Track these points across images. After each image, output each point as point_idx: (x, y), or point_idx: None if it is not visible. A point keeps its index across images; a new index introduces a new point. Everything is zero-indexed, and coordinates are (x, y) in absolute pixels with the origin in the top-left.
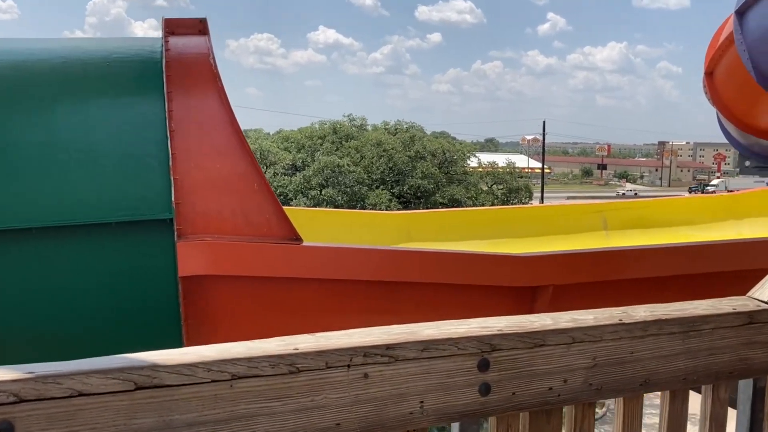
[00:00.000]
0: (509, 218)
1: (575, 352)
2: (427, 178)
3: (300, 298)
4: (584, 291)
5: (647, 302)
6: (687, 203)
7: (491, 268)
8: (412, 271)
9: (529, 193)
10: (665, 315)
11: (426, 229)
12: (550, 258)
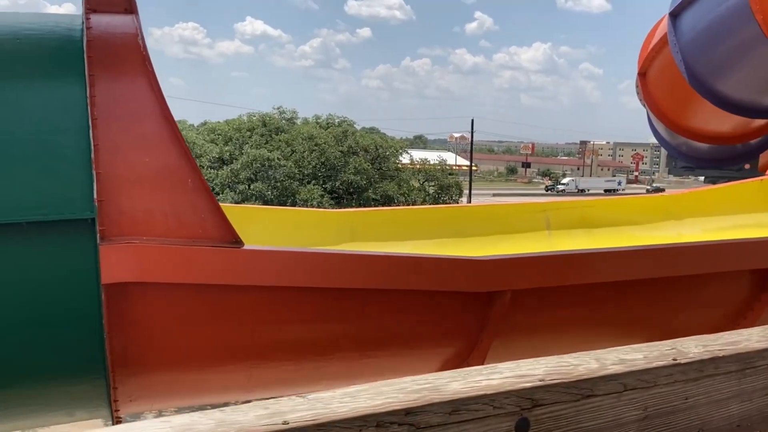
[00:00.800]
0: (454, 217)
1: (625, 402)
2: (360, 174)
3: (240, 308)
4: (543, 296)
5: (609, 307)
6: (629, 203)
7: (447, 272)
8: (362, 276)
9: (459, 190)
10: (720, 350)
11: (370, 228)
12: (509, 261)
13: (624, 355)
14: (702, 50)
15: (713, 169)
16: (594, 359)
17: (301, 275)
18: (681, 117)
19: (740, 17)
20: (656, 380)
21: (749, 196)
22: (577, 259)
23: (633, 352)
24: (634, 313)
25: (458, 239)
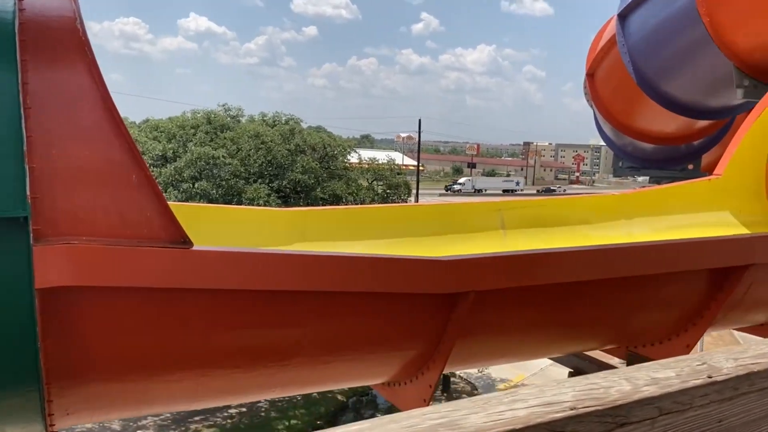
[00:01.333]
0: (407, 217)
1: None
2: (308, 173)
3: (189, 313)
4: (506, 296)
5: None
6: (580, 202)
7: (408, 273)
8: (320, 278)
9: (408, 189)
10: (753, 364)
11: (321, 227)
12: (473, 261)
13: (655, 373)
14: (650, 51)
15: (658, 170)
16: (624, 379)
17: (255, 277)
18: (628, 117)
19: (687, 19)
20: (692, 402)
21: (697, 196)
22: (540, 258)
23: (663, 369)
24: (594, 312)
25: (413, 239)
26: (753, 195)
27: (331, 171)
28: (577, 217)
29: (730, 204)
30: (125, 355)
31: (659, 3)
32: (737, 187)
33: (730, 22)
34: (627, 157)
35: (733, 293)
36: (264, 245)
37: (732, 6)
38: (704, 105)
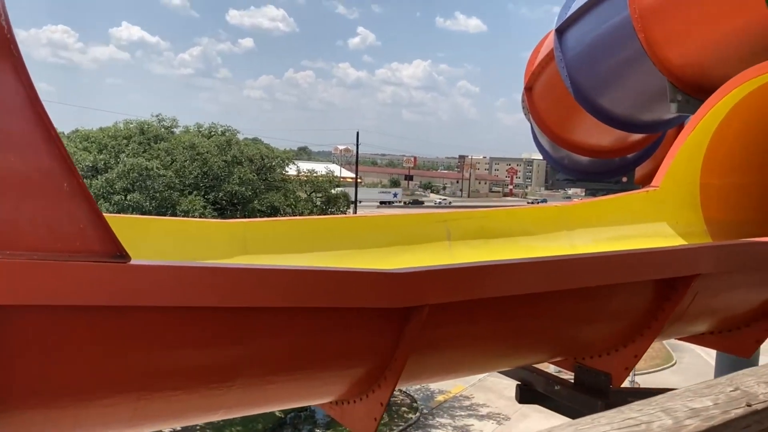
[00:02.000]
0: (352, 228)
1: None
2: (245, 185)
3: (126, 332)
4: (460, 310)
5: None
6: (523, 214)
7: (360, 287)
8: (266, 293)
9: (347, 201)
10: None
11: (264, 240)
12: (428, 274)
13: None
14: (587, 66)
15: (593, 182)
16: (662, 411)
17: (198, 293)
18: (565, 131)
19: (624, 35)
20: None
21: (636, 207)
22: (495, 270)
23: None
24: (544, 324)
25: (358, 251)
26: (689, 206)
27: (268, 183)
28: (521, 228)
29: (668, 215)
30: (54, 379)
31: (596, 19)
32: (674, 199)
33: (664, 38)
34: (563, 170)
35: (679, 303)
36: (204, 259)
37: (666, 23)
38: (638, 119)
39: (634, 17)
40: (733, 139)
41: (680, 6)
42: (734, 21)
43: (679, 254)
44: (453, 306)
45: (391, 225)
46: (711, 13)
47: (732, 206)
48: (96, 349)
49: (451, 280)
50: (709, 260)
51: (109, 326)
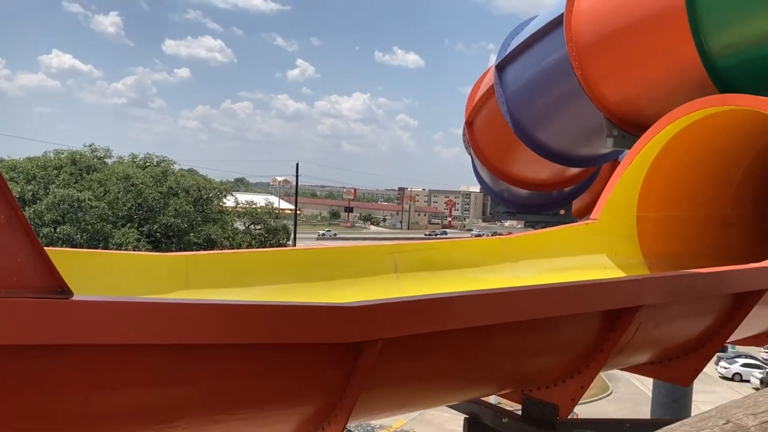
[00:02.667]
0: (298, 261)
1: None
2: (181, 216)
3: (66, 373)
4: (414, 344)
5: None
6: (469, 245)
7: (310, 321)
8: (214, 329)
9: (287, 233)
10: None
11: (207, 273)
12: (382, 307)
13: None
14: (526, 101)
15: (532, 214)
16: None
17: (142, 330)
18: (505, 164)
19: (561, 72)
20: None
21: (577, 239)
22: (449, 302)
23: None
24: (494, 357)
25: (304, 284)
26: (627, 238)
27: (205, 214)
28: (466, 260)
29: (607, 247)
30: None
31: (535, 56)
32: (612, 231)
33: (600, 75)
34: (503, 202)
35: (624, 334)
36: (144, 293)
37: (601, 61)
38: (576, 153)
39: (571, 55)
40: (667, 174)
41: (615, 45)
42: (665, 61)
43: (624, 285)
44: (406, 340)
45: (336, 257)
46: (644, 53)
47: (667, 238)
48: (35, 390)
49: (406, 313)
50: (652, 291)
51: (50, 366)
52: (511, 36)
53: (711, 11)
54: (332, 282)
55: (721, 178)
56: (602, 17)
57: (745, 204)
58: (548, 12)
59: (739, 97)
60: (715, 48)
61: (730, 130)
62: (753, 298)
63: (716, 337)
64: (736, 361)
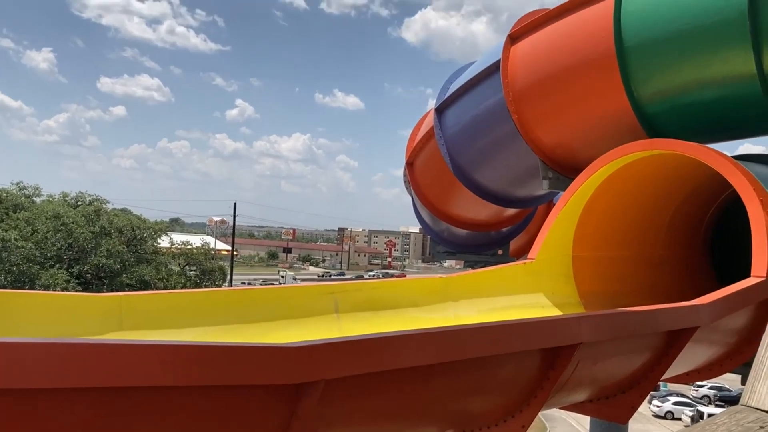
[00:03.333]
0: (237, 301)
1: None
2: (114, 257)
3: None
4: (355, 384)
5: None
6: (410, 285)
7: (249, 363)
8: (147, 371)
9: (223, 274)
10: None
11: (141, 314)
12: (324, 347)
13: None
14: (465, 143)
15: (471, 254)
16: None
17: (71, 373)
18: (444, 204)
19: (498, 116)
20: None
21: (515, 278)
22: (390, 342)
23: None
24: (434, 397)
25: (242, 325)
26: (563, 278)
27: (139, 255)
28: (408, 299)
29: (544, 286)
30: None
31: (473, 100)
32: (549, 271)
33: (536, 120)
34: (443, 242)
35: (563, 372)
36: (76, 335)
37: (537, 106)
38: (513, 194)
39: (508, 99)
40: (601, 215)
41: (549, 91)
42: (598, 107)
43: (563, 324)
44: (348, 381)
45: (276, 298)
46: (577, 99)
47: (601, 278)
48: None
49: (348, 353)
50: (590, 329)
51: None
52: (450, 80)
53: (640, 61)
54: (272, 323)
55: (652, 220)
56: (537, 64)
57: (674, 244)
58: (486, 57)
59: (666, 142)
60: (644, 95)
61: (660, 173)
62: (686, 335)
63: (651, 375)
64: (668, 399)
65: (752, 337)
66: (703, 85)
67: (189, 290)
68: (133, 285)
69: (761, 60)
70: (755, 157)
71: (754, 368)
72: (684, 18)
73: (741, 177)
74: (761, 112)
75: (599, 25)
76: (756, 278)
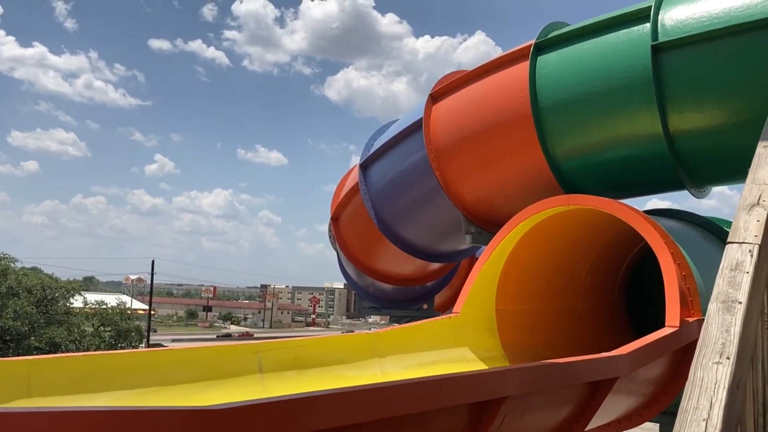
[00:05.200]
0: (155, 363)
1: None
2: (21, 319)
3: None
4: None
5: None
6: (336, 342)
7: (174, 427)
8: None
9: (140, 335)
10: None
11: (52, 380)
12: (248, 409)
13: None
14: (389, 199)
15: (397, 309)
16: None
17: None
18: (370, 259)
19: (422, 172)
20: None
21: (441, 333)
22: (316, 402)
23: None
24: None
25: (161, 388)
26: (487, 331)
27: (49, 316)
28: (334, 357)
29: (469, 340)
30: None
31: (397, 156)
32: (474, 324)
33: (458, 176)
34: (369, 297)
35: (491, 426)
36: None
37: (458, 162)
38: (437, 249)
39: (430, 156)
40: (522, 269)
41: (470, 148)
42: (516, 164)
43: (488, 378)
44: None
45: (196, 358)
46: (496, 157)
47: (524, 330)
48: None
49: (273, 414)
50: (515, 382)
51: None
52: (374, 137)
53: (555, 120)
54: (193, 385)
55: (572, 272)
56: (458, 122)
57: (592, 296)
58: (408, 115)
59: (581, 198)
60: (559, 153)
61: (577, 227)
62: (606, 385)
63: (575, 426)
64: None
65: (668, 386)
66: (614, 143)
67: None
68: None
69: (666, 120)
70: (664, 212)
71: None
72: (594, 80)
73: (652, 231)
74: (667, 168)
75: (516, 86)
76: (670, 328)
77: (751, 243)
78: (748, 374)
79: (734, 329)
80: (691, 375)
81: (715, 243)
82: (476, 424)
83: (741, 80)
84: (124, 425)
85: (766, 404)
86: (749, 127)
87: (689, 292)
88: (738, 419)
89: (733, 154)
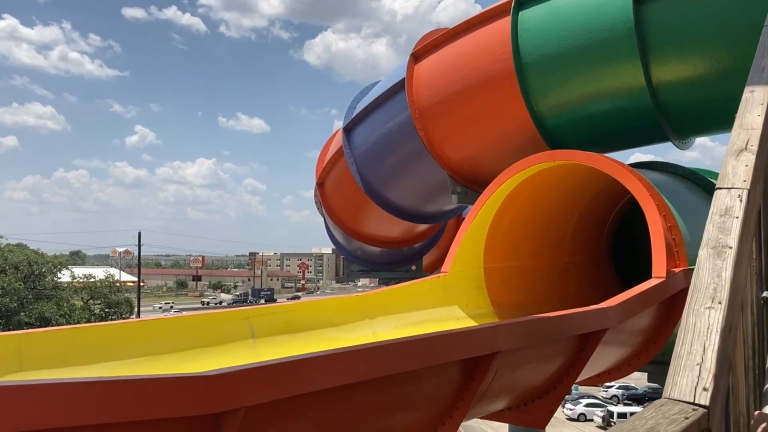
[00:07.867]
0: (146, 332)
1: None
2: (9, 295)
3: None
4: (279, 409)
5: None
6: (326, 305)
7: (163, 395)
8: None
9: (130, 307)
10: None
11: (44, 353)
12: (242, 374)
13: None
14: (374, 162)
15: (386, 271)
16: None
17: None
18: (357, 223)
19: (406, 133)
20: None
21: (430, 293)
22: (309, 364)
23: None
24: (359, 416)
25: (152, 357)
26: (476, 289)
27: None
28: (325, 320)
29: (458, 299)
30: None
31: (381, 118)
32: (463, 283)
33: (442, 136)
34: (357, 261)
35: (483, 381)
36: None
37: (442, 122)
38: (423, 210)
39: (414, 117)
40: (509, 226)
41: (454, 107)
42: (501, 122)
43: (479, 334)
44: (268, 406)
45: (187, 326)
46: (481, 115)
47: (512, 287)
48: None
49: (267, 378)
50: (506, 337)
51: None
52: (357, 100)
53: (538, 76)
54: (185, 353)
55: (558, 228)
56: (441, 81)
57: (579, 252)
58: (390, 76)
59: (567, 153)
60: (543, 109)
61: (563, 183)
62: (596, 337)
63: (566, 378)
64: (580, 402)
65: (656, 335)
66: (598, 97)
67: (92, 324)
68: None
69: (649, 72)
70: (648, 164)
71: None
72: (576, 34)
73: (638, 183)
74: (651, 121)
75: (498, 43)
76: (657, 279)
77: (740, 188)
78: (739, 319)
79: (725, 274)
80: (684, 320)
81: (699, 193)
82: (468, 380)
83: (723, 29)
84: (119, 395)
85: (755, 348)
86: (732, 75)
87: (675, 243)
88: (730, 363)
89: (716, 104)
